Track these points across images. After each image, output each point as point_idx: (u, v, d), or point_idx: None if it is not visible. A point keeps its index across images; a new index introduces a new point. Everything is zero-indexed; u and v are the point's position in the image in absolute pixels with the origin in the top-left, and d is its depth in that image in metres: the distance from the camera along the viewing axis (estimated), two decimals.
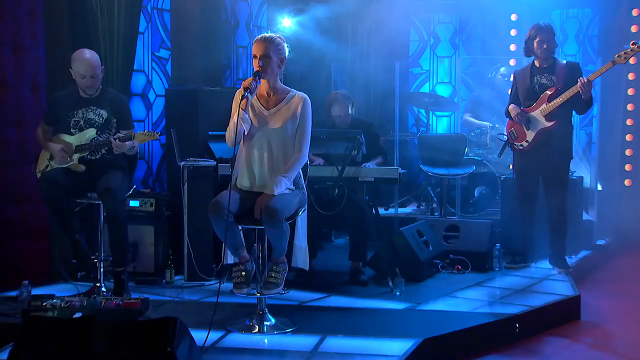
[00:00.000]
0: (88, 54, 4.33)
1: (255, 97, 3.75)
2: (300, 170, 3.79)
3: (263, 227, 3.65)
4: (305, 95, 3.76)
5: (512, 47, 7.47)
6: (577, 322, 4.42)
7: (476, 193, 6.57)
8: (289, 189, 3.67)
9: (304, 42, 7.18)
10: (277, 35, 3.76)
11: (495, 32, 7.63)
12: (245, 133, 3.66)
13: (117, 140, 4.22)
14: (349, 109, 5.18)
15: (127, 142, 4.26)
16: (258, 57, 3.65)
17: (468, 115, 7.04)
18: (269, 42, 3.67)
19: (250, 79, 3.64)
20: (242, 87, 3.61)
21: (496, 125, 6.55)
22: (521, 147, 5.17)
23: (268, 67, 3.66)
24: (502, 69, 7.04)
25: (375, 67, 7.79)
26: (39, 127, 4.45)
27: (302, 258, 3.84)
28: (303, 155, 3.71)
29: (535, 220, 5.25)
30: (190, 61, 6.27)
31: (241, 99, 3.58)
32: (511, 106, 5.20)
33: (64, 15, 4.96)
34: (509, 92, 5.36)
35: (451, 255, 5.25)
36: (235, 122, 3.60)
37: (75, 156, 4.31)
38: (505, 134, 5.29)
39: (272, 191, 3.58)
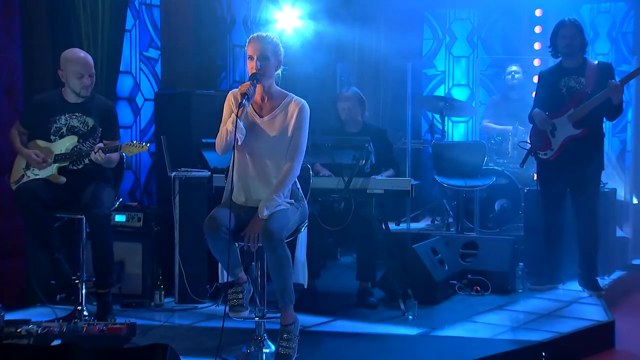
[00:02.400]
0: (82, 52, 4.38)
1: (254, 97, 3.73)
2: (297, 180, 3.77)
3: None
4: (303, 101, 3.71)
5: (537, 46, 7.46)
6: (611, 351, 4.39)
7: (496, 207, 6.55)
8: (287, 202, 3.64)
9: (307, 41, 7.20)
10: (271, 35, 3.73)
11: (518, 30, 7.63)
12: (239, 143, 3.63)
13: (101, 151, 4.21)
14: (357, 107, 5.20)
15: (112, 155, 4.25)
16: (255, 58, 3.62)
17: (487, 121, 7.03)
18: (266, 42, 3.64)
19: (247, 83, 3.59)
20: (238, 92, 3.58)
21: (520, 127, 6.52)
22: (545, 156, 5.16)
23: (267, 70, 3.63)
24: (512, 67, 7.03)
25: (385, 68, 7.80)
26: (14, 128, 4.45)
27: (302, 273, 3.82)
28: (293, 169, 3.64)
29: (563, 237, 5.23)
30: (182, 62, 6.28)
31: (238, 106, 3.55)
32: (535, 111, 5.19)
33: (42, 11, 4.97)
34: (533, 95, 5.36)
35: (469, 275, 5.23)
36: (229, 130, 3.56)
37: (55, 166, 4.32)
38: (528, 141, 5.28)
39: (262, 214, 3.53)
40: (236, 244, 3.66)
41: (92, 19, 5.10)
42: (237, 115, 3.54)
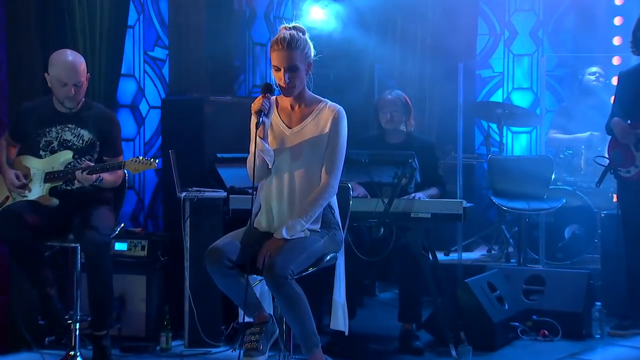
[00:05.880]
0: (71, 56, 4.38)
1: (276, 111, 3.73)
2: (333, 202, 3.75)
3: None
4: (339, 107, 3.71)
5: (616, 41, 7.39)
6: None
7: (567, 234, 6.49)
8: (310, 230, 3.61)
9: (340, 38, 7.21)
10: (297, 29, 3.67)
11: (593, 22, 7.56)
12: (270, 166, 3.64)
13: (99, 169, 4.23)
14: (401, 113, 5.22)
15: (105, 174, 4.28)
16: (282, 69, 3.60)
17: (555, 132, 6.98)
18: (294, 49, 3.59)
19: (259, 98, 3.58)
20: (253, 111, 3.58)
21: (594, 133, 6.45)
22: (628, 174, 5.11)
23: (297, 81, 3.62)
24: (593, 68, 6.98)
25: (431, 69, 7.78)
26: (2, 139, 4.51)
27: (342, 317, 3.79)
28: (329, 186, 3.63)
29: None
30: (193, 63, 6.33)
31: (256, 126, 3.54)
32: (614, 120, 5.15)
33: (31, 4, 5.03)
34: (612, 101, 5.31)
35: (534, 317, 5.18)
36: (254, 153, 3.57)
37: (46, 186, 4.36)
38: (607, 156, 5.23)
39: (280, 235, 3.53)
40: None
41: (89, 13, 5.16)
42: (257, 136, 3.54)
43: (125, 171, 4.45)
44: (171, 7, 6.33)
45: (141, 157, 4.28)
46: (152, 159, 4.24)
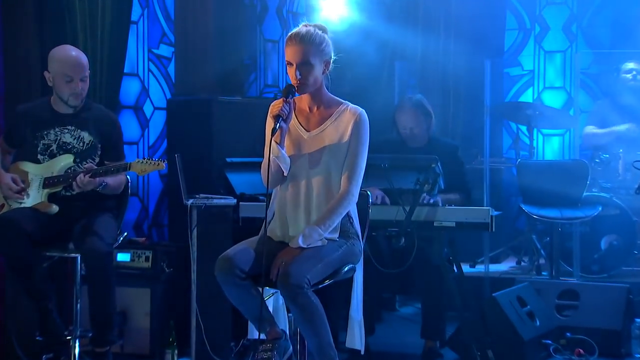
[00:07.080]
0: (73, 50, 4.46)
1: (293, 113, 3.73)
2: (352, 210, 3.75)
3: None
4: (361, 109, 3.72)
5: None
6: None
7: (603, 245, 6.46)
8: (327, 239, 3.62)
9: (358, 34, 7.22)
10: (316, 26, 3.71)
11: (632, 15, 7.53)
12: (285, 174, 3.65)
13: (102, 172, 4.26)
14: (422, 122, 5.22)
15: (107, 178, 4.30)
16: (294, 64, 3.62)
17: (592, 128, 6.91)
18: (308, 43, 3.62)
19: (279, 101, 3.61)
20: (270, 115, 3.61)
21: (632, 126, 6.40)
22: None
23: (310, 78, 3.63)
24: (629, 64, 6.95)
25: (455, 67, 7.77)
26: None
27: (358, 335, 3.79)
28: (349, 193, 3.64)
29: None
30: (200, 61, 6.35)
31: (273, 132, 3.56)
32: None
33: (28, 1, 5.08)
34: None
35: (568, 334, 5.16)
36: (269, 159, 3.59)
37: (45, 192, 4.38)
38: None
39: (296, 243, 3.54)
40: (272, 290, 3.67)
41: (90, 8, 5.18)
42: (274, 141, 3.56)
43: (129, 177, 4.47)
44: (177, 1, 6.35)
45: (147, 158, 4.29)
46: (159, 160, 4.26)
